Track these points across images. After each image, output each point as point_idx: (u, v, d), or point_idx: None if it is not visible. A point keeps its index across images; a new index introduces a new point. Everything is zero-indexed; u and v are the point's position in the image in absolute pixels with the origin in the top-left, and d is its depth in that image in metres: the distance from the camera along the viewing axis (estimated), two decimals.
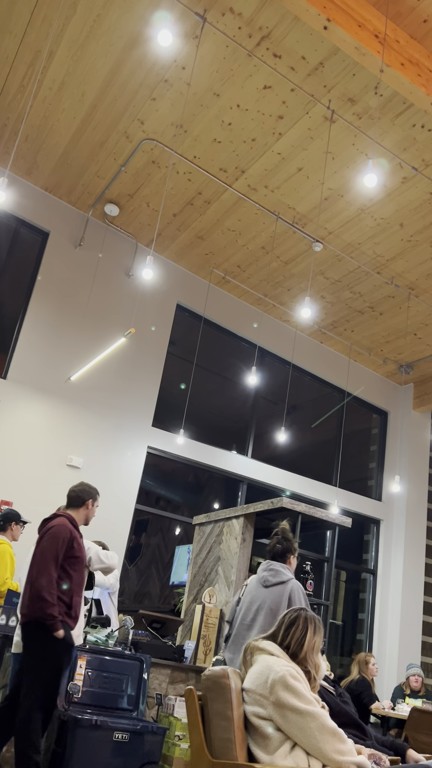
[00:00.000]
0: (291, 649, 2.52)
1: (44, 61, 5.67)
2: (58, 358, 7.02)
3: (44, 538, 3.63)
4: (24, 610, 3.54)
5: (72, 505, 3.88)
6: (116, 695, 4.59)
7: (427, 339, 8.58)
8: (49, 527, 3.68)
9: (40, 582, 3.49)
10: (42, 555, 3.55)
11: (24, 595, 3.61)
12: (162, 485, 8.44)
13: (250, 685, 2.40)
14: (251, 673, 2.45)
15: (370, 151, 5.88)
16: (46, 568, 3.52)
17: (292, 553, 3.80)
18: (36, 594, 3.46)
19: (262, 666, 2.42)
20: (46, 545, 3.58)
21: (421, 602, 8.92)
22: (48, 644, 3.50)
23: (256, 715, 2.34)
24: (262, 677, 2.37)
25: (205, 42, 5.21)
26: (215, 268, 8.00)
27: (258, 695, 2.35)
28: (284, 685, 2.31)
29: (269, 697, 2.32)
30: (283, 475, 8.43)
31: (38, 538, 3.77)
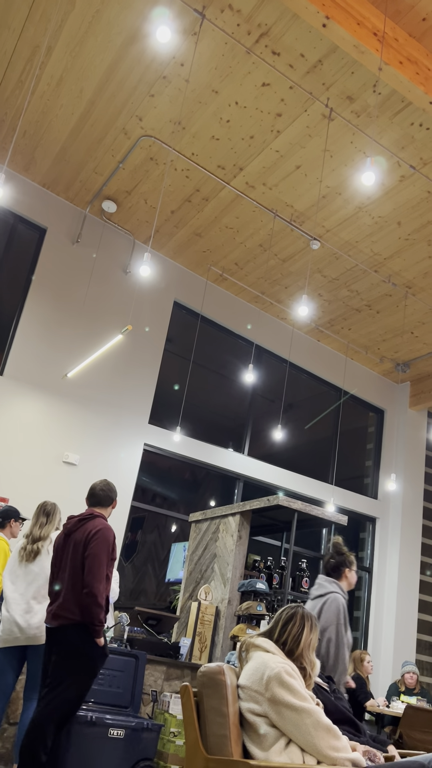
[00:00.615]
0: (287, 646, 2.52)
1: (42, 56, 5.65)
2: (55, 355, 7.01)
3: (93, 540, 3.50)
4: (63, 612, 3.42)
5: (101, 504, 3.78)
6: (111, 692, 4.59)
7: (423, 337, 8.59)
8: (96, 529, 3.56)
9: (96, 586, 3.40)
10: (96, 558, 3.46)
11: (60, 596, 3.47)
12: (158, 482, 8.44)
13: (246, 682, 2.41)
14: (247, 669, 2.45)
15: (368, 150, 5.88)
16: (100, 572, 3.45)
17: (347, 566, 3.72)
18: (91, 598, 3.37)
19: (258, 663, 2.42)
20: (98, 549, 3.48)
21: (416, 600, 8.94)
22: (93, 650, 3.42)
23: (251, 712, 2.34)
24: (258, 674, 2.38)
25: (204, 39, 5.20)
26: (213, 265, 8.00)
27: (253, 692, 2.36)
28: (279, 682, 2.32)
29: (264, 694, 2.32)
30: (280, 472, 8.44)
31: (68, 536, 3.62)
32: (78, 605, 3.42)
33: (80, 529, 3.62)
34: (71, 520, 3.70)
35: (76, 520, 3.69)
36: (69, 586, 3.49)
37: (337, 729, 2.33)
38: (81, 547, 3.53)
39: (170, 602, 8.21)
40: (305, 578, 5.88)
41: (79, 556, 3.51)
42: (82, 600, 3.41)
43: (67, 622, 3.41)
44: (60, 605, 3.46)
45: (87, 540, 3.53)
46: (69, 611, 3.43)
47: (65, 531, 3.69)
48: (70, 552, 3.56)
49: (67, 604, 3.44)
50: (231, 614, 5.63)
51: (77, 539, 3.57)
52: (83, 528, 3.61)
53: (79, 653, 3.40)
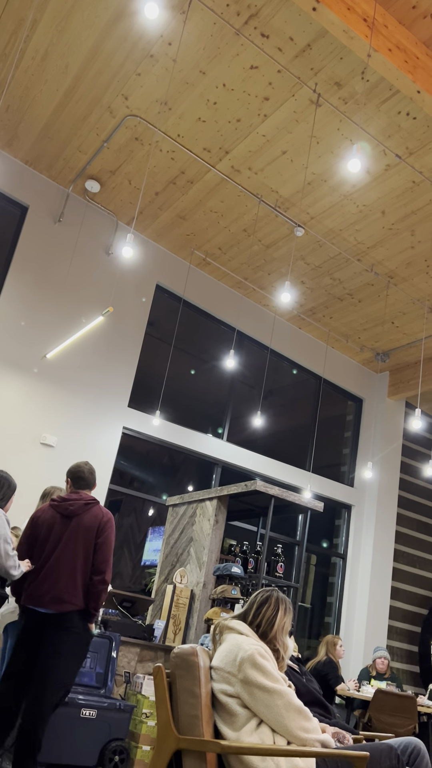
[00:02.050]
0: (261, 629, 2.55)
1: (27, 29, 5.54)
2: (35, 335, 6.94)
3: (107, 528, 3.51)
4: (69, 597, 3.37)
5: (89, 487, 3.76)
6: (85, 672, 4.61)
7: (404, 328, 8.65)
8: (108, 517, 3.57)
9: (110, 574, 3.43)
10: (110, 547, 3.48)
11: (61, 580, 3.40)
12: (136, 466, 8.43)
13: (219, 663, 2.42)
14: (220, 651, 2.47)
15: (354, 137, 5.86)
16: (111, 559, 3.48)
17: None
18: (104, 586, 3.40)
19: (231, 644, 2.44)
20: (110, 537, 3.51)
21: (389, 587, 9.07)
22: (85, 636, 3.44)
23: (223, 693, 2.36)
24: (231, 655, 2.39)
25: (193, 18, 5.13)
26: (196, 249, 7.95)
27: (226, 673, 2.37)
28: (252, 664, 2.34)
29: (237, 675, 2.34)
30: (258, 458, 8.47)
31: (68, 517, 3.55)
32: (84, 591, 3.40)
33: (88, 513, 3.56)
34: (75, 503, 3.60)
35: (82, 503, 3.60)
36: (71, 570, 3.42)
37: (307, 710, 2.35)
38: (93, 533, 3.50)
39: (145, 585, 8.24)
40: (280, 563, 5.92)
41: (91, 542, 3.48)
42: (92, 587, 3.41)
43: (72, 608, 3.37)
44: (63, 590, 3.38)
45: (100, 527, 3.51)
46: (75, 597, 3.38)
47: (63, 512, 3.59)
48: (75, 536, 3.49)
49: (73, 590, 3.39)
50: (206, 597, 5.66)
51: (87, 524, 3.52)
52: (92, 513, 3.56)
53: (80, 639, 3.41)
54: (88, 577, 3.45)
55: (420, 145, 5.81)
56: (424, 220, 6.66)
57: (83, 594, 3.41)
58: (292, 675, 3.17)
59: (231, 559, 5.92)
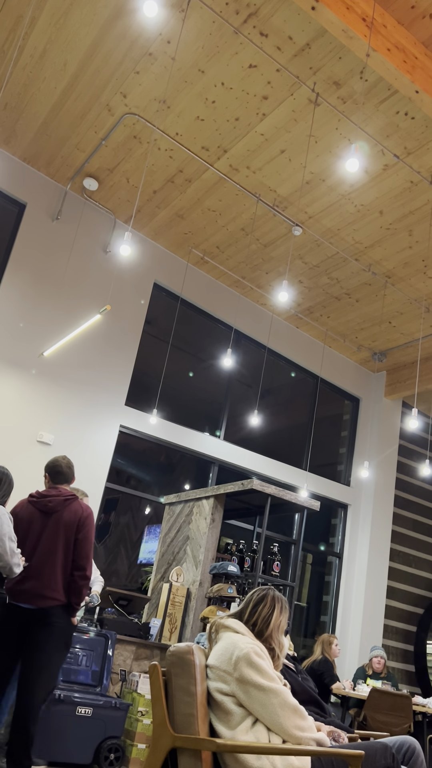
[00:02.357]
0: (257, 627, 2.55)
1: (26, 27, 5.53)
2: (32, 333, 6.93)
3: (86, 524, 3.54)
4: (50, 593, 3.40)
5: (68, 481, 3.77)
6: (81, 670, 4.61)
7: (401, 327, 8.66)
8: (87, 513, 3.58)
9: (90, 570, 3.48)
10: (89, 542, 3.52)
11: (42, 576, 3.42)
12: (133, 464, 8.43)
13: (215, 662, 2.43)
14: (216, 649, 2.47)
15: (353, 137, 5.86)
16: (91, 554, 3.52)
17: None
18: (85, 581, 3.44)
19: (227, 643, 2.44)
20: (90, 533, 3.54)
21: (384, 586, 9.09)
22: (68, 629, 3.48)
23: (219, 691, 2.37)
24: (227, 654, 2.40)
25: (192, 16, 5.12)
26: (194, 247, 7.95)
27: (222, 671, 2.38)
28: (248, 662, 2.34)
29: (233, 674, 2.34)
30: (255, 457, 8.48)
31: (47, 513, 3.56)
32: (65, 586, 3.44)
33: (67, 509, 3.58)
34: (54, 499, 3.61)
35: (61, 499, 3.62)
36: (51, 566, 3.45)
37: (303, 709, 2.36)
38: (73, 529, 3.52)
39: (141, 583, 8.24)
40: (276, 562, 5.93)
41: (71, 538, 3.51)
42: (74, 582, 3.45)
43: (54, 603, 3.41)
44: (44, 586, 3.41)
45: (80, 523, 3.54)
46: (57, 592, 3.42)
47: (42, 508, 3.61)
48: (54, 532, 3.51)
49: (54, 585, 3.42)
50: (202, 596, 5.67)
51: (67, 521, 3.54)
52: (71, 509, 3.58)
53: (63, 633, 3.46)
54: (69, 573, 3.49)
55: (418, 145, 5.81)
56: (422, 220, 6.67)
57: (64, 589, 3.45)
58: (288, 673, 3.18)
59: (227, 558, 5.92)
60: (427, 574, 9.83)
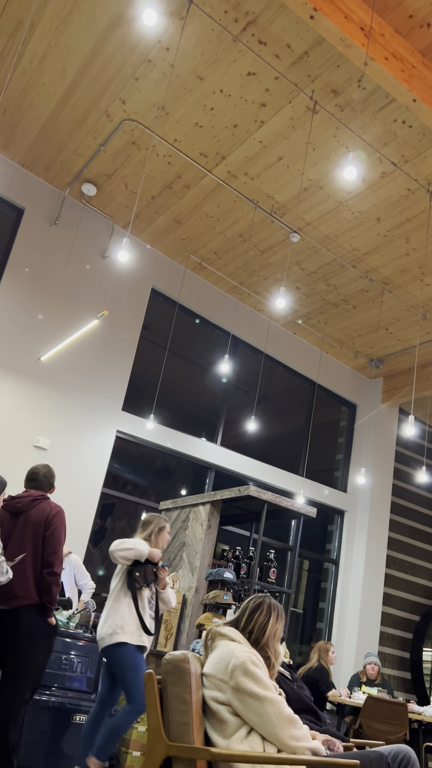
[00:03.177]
0: (253, 635, 2.54)
1: (25, 32, 5.54)
2: (29, 338, 6.93)
3: (54, 522, 3.54)
4: (21, 592, 3.40)
5: (42, 489, 3.80)
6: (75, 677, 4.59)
7: (398, 334, 8.68)
8: (55, 511, 3.60)
9: (59, 567, 3.46)
10: (58, 540, 3.51)
11: (14, 576, 3.42)
12: (130, 469, 8.42)
13: (211, 670, 2.42)
14: (212, 658, 2.46)
15: (350, 144, 5.88)
16: (61, 553, 3.51)
17: None
18: (54, 578, 3.42)
19: (223, 651, 2.44)
20: (58, 530, 3.54)
21: (381, 593, 9.08)
22: (48, 628, 3.47)
23: (214, 700, 2.36)
24: (223, 662, 2.39)
25: (191, 24, 5.15)
26: (192, 253, 7.96)
27: (218, 680, 2.37)
28: (244, 671, 2.33)
29: (229, 682, 2.34)
30: (251, 463, 8.47)
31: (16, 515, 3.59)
32: (34, 586, 3.43)
33: (35, 509, 3.61)
34: (23, 500, 3.67)
35: (29, 500, 3.66)
36: (21, 565, 3.46)
37: (298, 719, 2.35)
38: (41, 528, 3.54)
39: None
40: (272, 569, 5.92)
41: (39, 537, 3.52)
42: (42, 580, 3.43)
43: (26, 602, 3.41)
44: (15, 585, 3.41)
45: (47, 521, 3.55)
46: (28, 591, 3.42)
47: (11, 510, 3.64)
48: (23, 531, 3.54)
49: (25, 584, 3.43)
50: (198, 603, 5.65)
51: (35, 520, 3.56)
52: (39, 508, 3.61)
53: (38, 633, 3.42)
54: (40, 572, 3.48)
55: (415, 153, 5.84)
56: (419, 228, 6.69)
57: (36, 588, 3.44)
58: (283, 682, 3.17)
59: (223, 564, 5.91)
60: (423, 581, 9.82)
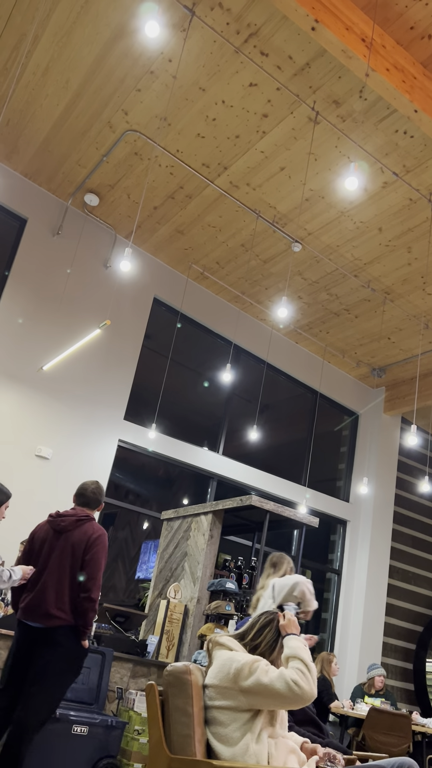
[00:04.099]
0: (259, 650, 2.51)
1: (29, 45, 5.59)
2: (31, 347, 6.94)
3: (95, 546, 3.49)
4: (57, 613, 3.37)
5: (89, 506, 3.75)
6: (77, 688, 4.56)
7: (400, 343, 8.67)
8: (97, 534, 3.55)
9: (97, 592, 3.42)
10: (97, 564, 3.47)
11: (51, 595, 3.40)
12: (132, 479, 8.41)
13: (213, 680, 2.40)
14: (213, 669, 2.45)
15: (352, 155, 5.91)
16: (100, 578, 3.47)
17: None
18: (91, 603, 3.38)
19: (223, 660, 2.42)
20: (99, 555, 3.49)
21: (383, 603, 9.02)
22: (80, 651, 3.43)
23: (220, 709, 2.32)
24: (225, 670, 2.37)
25: (193, 36, 5.18)
26: (194, 263, 7.98)
27: (223, 688, 2.35)
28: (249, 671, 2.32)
29: (235, 687, 2.30)
30: (254, 473, 8.45)
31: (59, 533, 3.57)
32: (72, 607, 3.38)
33: (78, 530, 3.56)
34: (67, 519, 3.62)
35: (73, 519, 3.60)
36: (59, 585, 3.42)
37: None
38: (80, 550, 3.49)
39: (139, 599, 8.19)
40: None
41: (78, 559, 3.47)
42: (79, 604, 3.38)
43: (60, 623, 3.36)
44: (50, 604, 3.38)
45: (88, 544, 3.50)
46: (63, 612, 3.38)
47: (55, 528, 3.61)
48: (67, 553, 3.50)
49: (60, 605, 3.38)
50: (199, 613, 5.63)
51: (75, 540, 3.52)
52: (82, 530, 3.56)
53: (70, 654, 3.39)
54: (77, 594, 3.43)
55: (417, 163, 5.86)
56: (421, 238, 6.71)
57: (71, 610, 3.40)
58: None
59: (225, 575, 5.89)
60: (426, 591, 9.77)
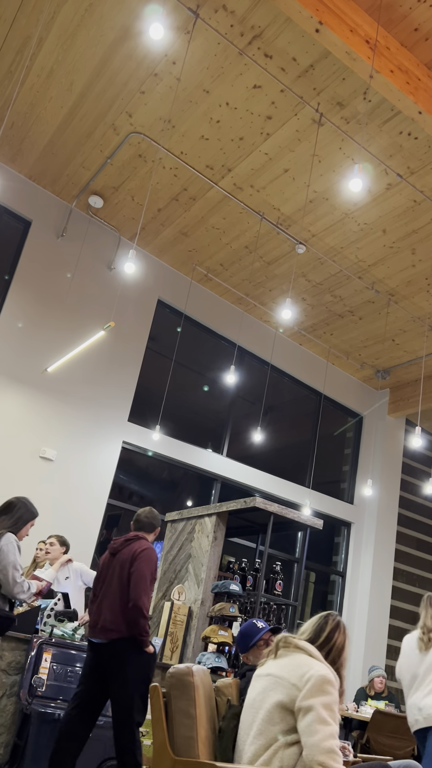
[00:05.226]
0: (331, 655, 2.41)
1: (33, 48, 5.60)
2: (36, 349, 6.95)
3: (138, 558, 3.77)
4: (114, 626, 3.63)
5: (144, 530, 4.07)
6: None
7: (404, 345, 8.66)
8: (141, 549, 3.83)
9: (143, 599, 3.66)
10: (141, 575, 3.73)
11: (106, 611, 3.68)
12: (135, 481, 8.41)
13: (281, 672, 2.30)
14: (283, 662, 2.34)
15: (356, 156, 5.90)
16: (145, 587, 3.71)
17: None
18: (137, 611, 3.62)
19: (300, 661, 2.32)
20: (142, 566, 3.75)
21: (388, 606, 9.00)
22: (143, 658, 3.65)
23: (278, 703, 2.22)
24: (299, 670, 2.27)
25: (197, 38, 5.19)
26: (198, 265, 7.99)
27: (289, 684, 2.25)
28: (321, 687, 2.20)
29: (302, 689, 2.21)
30: (258, 474, 8.45)
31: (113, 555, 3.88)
32: (124, 620, 3.64)
33: (126, 549, 3.88)
34: (117, 541, 3.97)
35: (122, 540, 3.95)
36: (115, 602, 3.71)
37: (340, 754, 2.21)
38: (127, 564, 3.78)
39: None
40: (279, 581, 5.88)
41: (126, 574, 3.76)
42: (128, 614, 3.64)
43: (118, 635, 3.61)
44: (107, 620, 3.66)
45: (132, 558, 3.79)
46: (119, 624, 3.63)
47: (110, 551, 3.95)
48: (117, 570, 3.80)
49: (116, 619, 3.65)
50: (204, 615, 5.62)
51: (123, 558, 3.83)
52: (129, 548, 3.88)
53: (133, 664, 3.62)
54: (126, 606, 3.70)
55: (421, 165, 5.85)
56: (425, 239, 6.70)
57: (125, 622, 3.65)
58: None
59: (229, 576, 5.88)
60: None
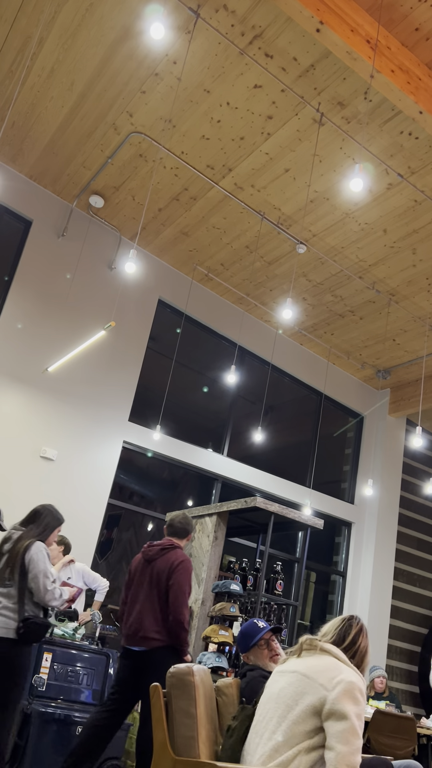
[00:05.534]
0: (355, 659, 2.37)
1: (34, 47, 5.60)
2: (36, 349, 6.95)
3: (176, 571, 3.81)
4: (152, 635, 3.69)
5: (177, 535, 4.11)
6: (81, 689, 4.56)
7: (405, 345, 8.66)
8: (179, 560, 3.87)
9: (183, 613, 3.73)
10: (180, 588, 3.78)
11: (147, 621, 3.72)
12: (136, 480, 8.41)
13: (308, 671, 2.26)
14: (310, 662, 2.30)
15: (357, 156, 5.90)
16: (185, 599, 3.78)
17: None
18: (179, 625, 3.69)
19: (329, 663, 2.28)
20: (181, 579, 3.80)
21: (388, 606, 9.00)
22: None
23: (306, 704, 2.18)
24: (328, 672, 2.23)
25: (198, 38, 5.19)
26: (198, 265, 7.99)
27: (317, 684, 2.21)
28: (351, 693, 2.16)
29: (330, 692, 2.17)
30: (258, 474, 8.45)
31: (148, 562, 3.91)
32: (164, 629, 3.71)
33: (163, 558, 3.91)
34: (153, 548, 4.00)
35: (158, 548, 3.98)
36: (151, 610, 3.76)
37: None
38: (165, 575, 3.82)
39: None
40: (279, 581, 5.89)
41: (163, 584, 3.80)
42: (171, 627, 3.71)
43: (158, 644, 3.68)
44: (146, 628, 3.71)
45: (171, 570, 3.83)
46: (157, 633, 3.70)
47: (145, 557, 3.97)
48: (153, 579, 3.84)
49: (153, 627, 3.71)
50: (204, 615, 5.62)
51: (160, 568, 3.86)
52: (165, 557, 3.91)
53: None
54: (167, 617, 3.76)
55: (422, 164, 5.85)
56: (426, 239, 6.70)
57: (166, 632, 3.71)
58: None
59: (230, 576, 5.88)
60: (431, 593, 9.74)
